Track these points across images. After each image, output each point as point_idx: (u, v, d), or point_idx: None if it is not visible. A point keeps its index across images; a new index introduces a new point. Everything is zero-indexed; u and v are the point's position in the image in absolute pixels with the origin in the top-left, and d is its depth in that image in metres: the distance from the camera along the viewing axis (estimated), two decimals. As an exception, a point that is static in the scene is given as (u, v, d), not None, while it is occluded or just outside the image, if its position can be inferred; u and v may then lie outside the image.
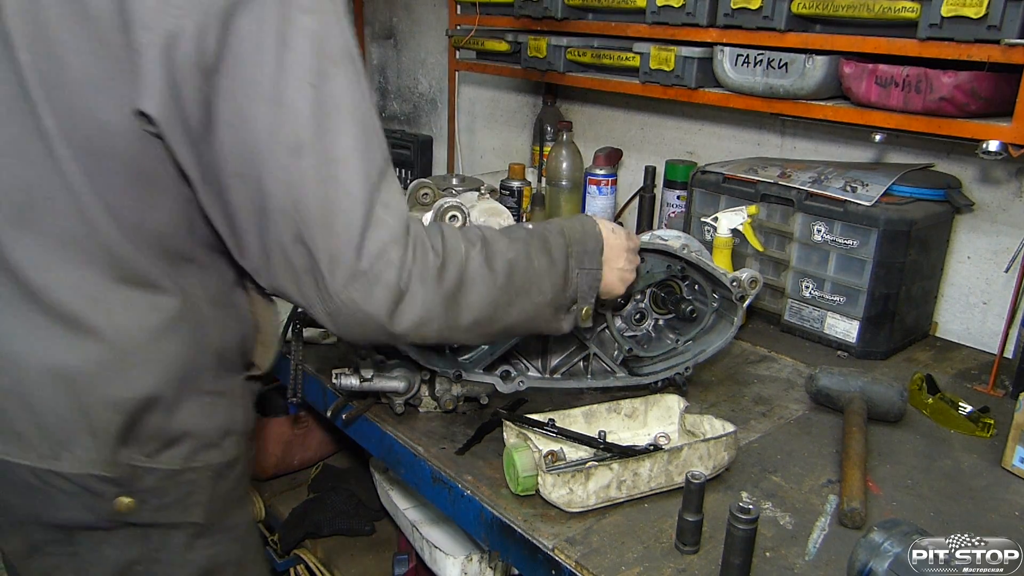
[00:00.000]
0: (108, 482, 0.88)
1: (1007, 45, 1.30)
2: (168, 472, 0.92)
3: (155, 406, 0.89)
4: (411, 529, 1.78)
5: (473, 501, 1.14)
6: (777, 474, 1.21)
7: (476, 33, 2.39)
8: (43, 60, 0.76)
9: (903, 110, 1.48)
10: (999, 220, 1.67)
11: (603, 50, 2.04)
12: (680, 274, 1.41)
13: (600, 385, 1.38)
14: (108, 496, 0.88)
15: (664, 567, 0.99)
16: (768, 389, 1.49)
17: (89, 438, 0.86)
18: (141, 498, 0.90)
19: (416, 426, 1.31)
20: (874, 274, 1.57)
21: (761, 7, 1.62)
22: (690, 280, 1.43)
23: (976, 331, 1.74)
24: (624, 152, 2.35)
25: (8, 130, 0.79)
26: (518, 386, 1.29)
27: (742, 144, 2.12)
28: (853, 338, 1.63)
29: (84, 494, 0.87)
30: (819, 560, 1.02)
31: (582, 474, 1.06)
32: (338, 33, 0.81)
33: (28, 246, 0.82)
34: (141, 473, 0.89)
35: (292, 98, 0.77)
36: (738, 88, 1.74)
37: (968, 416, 1.34)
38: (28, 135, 0.79)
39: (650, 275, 1.40)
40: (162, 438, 0.91)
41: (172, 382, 0.90)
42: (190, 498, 0.95)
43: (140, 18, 0.74)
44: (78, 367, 0.85)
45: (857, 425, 1.27)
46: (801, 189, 1.66)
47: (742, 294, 1.38)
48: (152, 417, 0.89)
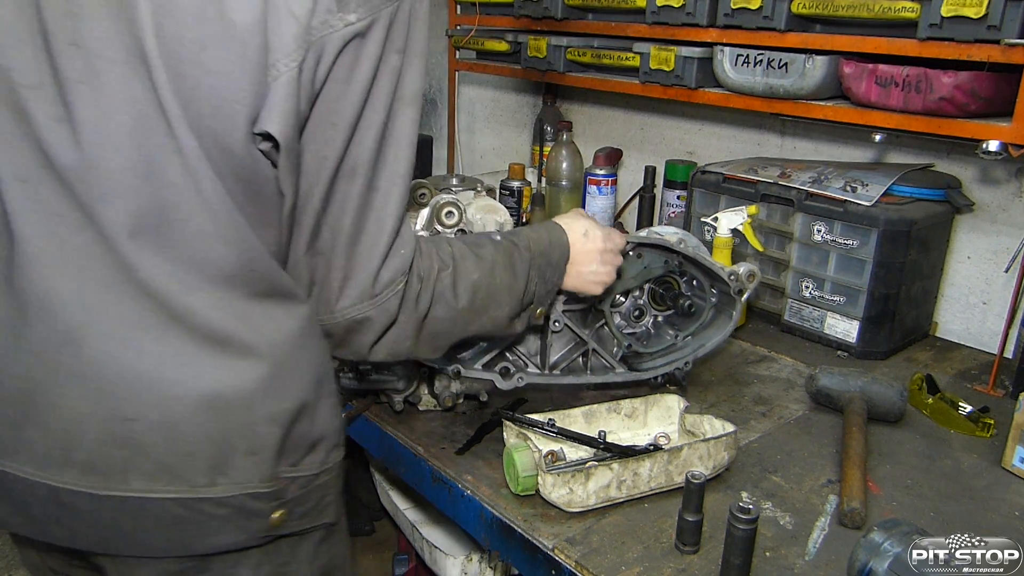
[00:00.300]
0: (264, 498, 0.86)
1: (1007, 45, 1.30)
2: (309, 478, 0.91)
3: (303, 413, 0.88)
4: (411, 529, 1.78)
5: (473, 501, 1.14)
6: (777, 474, 1.21)
7: (476, 33, 2.39)
8: (180, 80, 0.76)
9: (903, 110, 1.48)
10: (999, 220, 1.67)
11: (603, 50, 2.04)
12: (678, 269, 1.42)
13: (600, 381, 1.38)
14: (265, 512, 0.86)
15: (664, 567, 0.99)
16: (768, 389, 1.49)
17: (248, 458, 0.84)
18: (289, 508, 0.89)
19: (416, 426, 1.31)
20: (874, 274, 1.57)
21: (761, 7, 1.62)
22: (688, 276, 1.43)
23: (976, 331, 1.74)
24: (624, 152, 2.35)
25: (145, 150, 0.77)
26: (517, 382, 1.28)
27: (742, 144, 2.12)
28: (853, 338, 1.63)
29: (239, 515, 0.85)
30: (819, 560, 1.02)
31: (582, 474, 1.06)
32: (415, 75, 0.86)
33: (168, 270, 0.80)
34: (287, 483, 0.88)
35: (364, 129, 0.83)
36: (738, 88, 1.74)
37: (968, 416, 1.34)
38: (166, 155, 0.77)
39: (648, 270, 1.41)
40: (306, 445, 0.90)
41: (314, 388, 0.90)
42: (324, 500, 0.94)
43: (281, 46, 0.77)
44: (234, 388, 0.82)
45: (857, 425, 1.27)
46: (801, 189, 1.66)
47: (740, 288, 1.39)
48: (300, 425, 0.88)
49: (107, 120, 0.76)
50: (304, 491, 0.90)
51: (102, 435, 0.80)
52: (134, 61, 0.75)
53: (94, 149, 0.76)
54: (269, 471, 0.85)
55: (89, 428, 0.80)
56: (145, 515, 0.82)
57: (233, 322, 0.82)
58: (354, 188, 0.85)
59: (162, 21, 0.75)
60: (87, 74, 0.76)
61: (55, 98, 0.76)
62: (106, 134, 0.76)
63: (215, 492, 0.83)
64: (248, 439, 0.84)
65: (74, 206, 0.78)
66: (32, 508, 0.84)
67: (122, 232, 0.78)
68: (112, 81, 0.76)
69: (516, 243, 1.10)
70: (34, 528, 0.86)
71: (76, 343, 0.79)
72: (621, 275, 1.34)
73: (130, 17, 0.74)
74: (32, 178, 0.78)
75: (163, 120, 0.76)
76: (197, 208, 0.79)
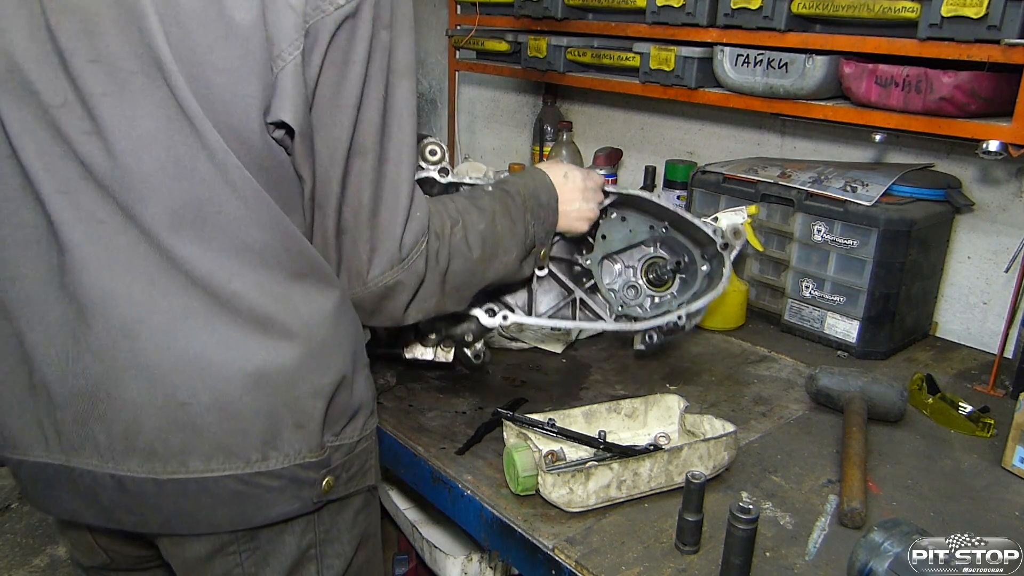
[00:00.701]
0: (313, 467, 0.92)
1: (1007, 45, 1.30)
2: (351, 445, 0.97)
3: (343, 386, 0.94)
4: (411, 529, 1.78)
5: (473, 501, 1.14)
6: (777, 474, 1.21)
7: (476, 33, 2.39)
8: (195, 81, 0.80)
9: (903, 110, 1.48)
10: (999, 220, 1.67)
11: (603, 50, 2.04)
12: (663, 235, 1.46)
13: (588, 326, 1.37)
14: (316, 481, 0.93)
15: (664, 567, 0.99)
16: (768, 389, 1.49)
17: (297, 431, 0.90)
18: (336, 475, 0.96)
19: (416, 426, 1.31)
20: (874, 274, 1.57)
21: (761, 7, 1.62)
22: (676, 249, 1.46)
23: (976, 331, 1.74)
24: (624, 152, 2.35)
25: (173, 150, 0.82)
26: (502, 320, 1.27)
27: (742, 144, 2.12)
28: (853, 338, 1.63)
29: (292, 485, 0.91)
30: (819, 560, 1.02)
31: (582, 474, 1.06)
32: (406, 48, 0.91)
33: (210, 259, 0.84)
34: (333, 451, 0.95)
35: (367, 107, 0.88)
36: (738, 88, 1.74)
37: (968, 416, 1.34)
38: (193, 152, 0.82)
39: (633, 234, 1.47)
40: (347, 414, 0.96)
41: (351, 360, 0.96)
42: (366, 464, 1.01)
43: (283, 37, 0.81)
44: (278, 366, 0.88)
45: (857, 425, 1.27)
46: (801, 189, 1.66)
47: (726, 243, 1.42)
48: (341, 396, 0.94)
49: (134, 127, 0.81)
50: (348, 457, 0.97)
51: (160, 421, 0.85)
52: (151, 69, 0.80)
53: (126, 156, 0.81)
54: (316, 441, 0.92)
55: (148, 416, 0.85)
56: (205, 494, 0.88)
57: (273, 304, 0.87)
58: (367, 164, 0.90)
59: (170, 29, 0.79)
60: (110, 87, 0.80)
61: (82, 113, 0.81)
62: (135, 140, 0.81)
63: (269, 465, 0.89)
64: (295, 413, 0.89)
65: (115, 211, 0.83)
66: (101, 499, 0.90)
67: (162, 229, 0.83)
68: (134, 91, 0.80)
69: (507, 191, 1.18)
70: (104, 517, 0.92)
71: (131, 337, 0.84)
72: (607, 238, 1.44)
73: (141, 28, 0.78)
74: (72, 190, 0.83)
75: (186, 120, 0.81)
76: (229, 197, 0.84)
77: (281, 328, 0.88)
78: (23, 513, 2.77)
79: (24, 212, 0.85)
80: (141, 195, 0.82)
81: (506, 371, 1.52)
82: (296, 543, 0.96)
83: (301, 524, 0.96)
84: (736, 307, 1.73)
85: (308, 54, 0.82)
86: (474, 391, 1.44)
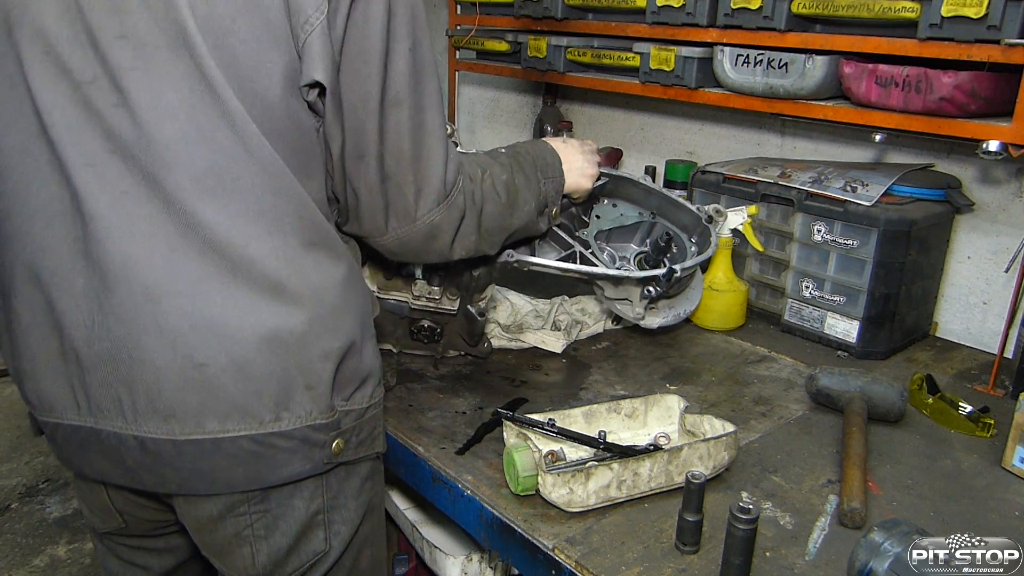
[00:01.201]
0: (325, 428, 0.96)
1: (1007, 45, 1.30)
2: (360, 411, 1.01)
3: (352, 351, 0.98)
4: (411, 529, 1.78)
5: (473, 501, 1.14)
6: (777, 474, 1.21)
7: (476, 33, 2.39)
8: (219, 51, 0.84)
9: (903, 110, 1.48)
10: (999, 220, 1.67)
11: (603, 50, 2.04)
12: (650, 220, 1.59)
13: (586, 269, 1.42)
14: (326, 442, 0.97)
15: (664, 567, 0.99)
16: (768, 389, 1.49)
17: (308, 392, 0.94)
18: (346, 438, 1.00)
19: (416, 426, 1.31)
20: (874, 274, 1.57)
21: (761, 7, 1.62)
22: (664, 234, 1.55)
23: (976, 331, 1.74)
24: (624, 152, 2.35)
25: (196, 120, 0.85)
26: (507, 258, 1.36)
27: (742, 144, 2.12)
28: (853, 338, 1.63)
29: (304, 446, 0.95)
30: (819, 560, 1.02)
31: (582, 474, 1.06)
32: (421, 6, 0.97)
33: (228, 225, 0.88)
34: (343, 415, 0.99)
35: (395, 60, 0.94)
36: (738, 88, 1.74)
37: (968, 416, 1.34)
38: (215, 121, 0.85)
39: (622, 217, 1.60)
40: (356, 380, 1.00)
41: (359, 327, 1.00)
42: (375, 431, 1.05)
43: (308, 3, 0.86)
44: (290, 329, 0.91)
45: (857, 425, 1.27)
46: (801, 189, 1.66)
47: (710, 217, 1.56)
48: (351, 361, 0.98)
49: (159, 98, 0.85)
50: (358, 423, 1.01)
51: (179, 382, 0.89)
52: (176, 43, 0.84)
53: (149, 125, 0.85)
54: (326, 403, 0.96)
55: (167, 378, 0.89)
56: (220, 454, 0.92)
57: (286, 270, 0.91)
58: (403, 113, 0.96)
59: (194, 2, 0.83)
60: (137, 61, 0.84)
61: (110, 87, 0.85)
62: (159, 110, 0.85)
63: (281, 426, 0.93)
64: (306, 374, 0.93)
65: (138, 181, 0.86)
66: (126, 460, 0.94)
67: (184, 195, 0.86)
68: (160, 63, 0.84)
69: (517, 151, 1.27)
70: (129, 478, 0.97)
71: (152, 301, 0.88)
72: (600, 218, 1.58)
73: (167, 2, 0.83)
74: (98, 163, 0.86)
75: (208, 89, 0.85)
76: (247, 164, 0.87)
77: (293, 293, 0.91)
78: (23, 513, 2.77)
79: (52, 186, 0.89)
80: (165, 162, 0.85)
81: (506, 371, 1.52)
82: (305, 507, 1.00)
83: (310, 488, 0.99)
84: (736, 307, 1.73)
85: (333, 15, 0.87)
86: (474, 391, 1.44)
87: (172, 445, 0.91)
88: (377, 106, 0.94)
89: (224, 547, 1.00)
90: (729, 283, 1.72)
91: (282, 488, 0.97)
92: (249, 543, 0.99)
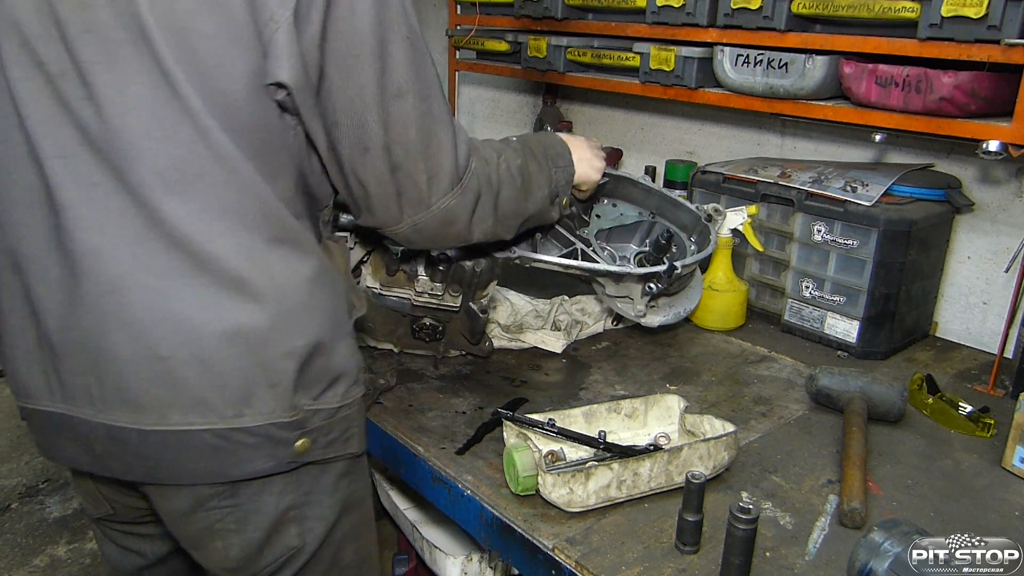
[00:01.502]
0: (288, 427, 0.96)
1: (1007, 45, 1.30)
2: (331, 411, 1.00)
3: (319, 350, 0.97)
4: (411, 529, 1.78)
5: (473, 501, 1.14)
6: (777, 474, 1.21)
7: (476, 33, 2.39)
8: (180, 47, 0.83)
9: (903, 110, 1.48)
10: (999, 220, 1.67)
11: (603, 50, 2.04)
12: (651, 219, 1.60)
13: (588, 265, 1.42)
14: (290, 440, 0.96)
15: (664, 567, 0.99)
16: (768, 389, 1.49)
17: (270, 390, 0.94)
18: (313, 437, 0.99)
19: (416, 426, 1.31)
20: (874, 274, 1.57)
21: (761, 7, 1.62)
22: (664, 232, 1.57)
23: (976, 331, 1.74)
24: (624, 152, 2.35)
25: (158, 116, 0.85)
26: (510, 253, 1.36)
27: (742, 144, 2.12)
28: (853, 338, 1.63)
29: (267, 443, 0.95)
30: (819, 560, 1.02)
31: (582, 474, 1.06)
32: None
33: (192, 220, 0.88)
34: (311, 415, 0.98)
35: (393, 52, 0.92)
36: (738, 88, 1.74)
37: (968, 416, 1.34)
38: (177, 117, 0.85)
39: (622, 217, 1.62)
40: (325, 379, 0.99)
41: (328, 327, 0.99)
42: (348, 431, 1.04)
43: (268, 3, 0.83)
44: (252, 326, 0.91)
45: (857, 425, 1.27)
46: (801, 189, 1.66)
47: (709, 215, 1.57)
48: (318, 361, 0.97)
49: (123, 92, 0.85)
50: (328, 422, 1.00)
51: (144, 375, 0.90)
52: (137, 38, 0.83)
53: (114, 119, 0.85)
54: (289, 402, 0.95)
55: (133, 370, 0.90)
56: (185, 447, 0.93)
57: (249, 267, 0.91)
58: (408, 103, 0.95)
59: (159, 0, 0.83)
60: (102, 56, 0.84)
61: (79, 81, 0.85)
62: (123, 104, 0.85)
63: (244, 422, 0.93)
64: (268, 372, 0.93)
65: (108, 175, 0.87)
66: (95, 447, 0.96)
67: (149, 190, 0.87)
68: (124, 58, 0.84)
69: (527, 141, 1.25)
70: (98, 465, 0.98)
71: (119, 293, 0.89)
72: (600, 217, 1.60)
73: None
74: (70, 154, 0.87)
75: (168, 86, 0.85)
76: (209, 161, 0.87)
77: (256, 290, 0.91)
78: (23, 513, 2.77)
79: (29, 176, 0.90)
80: (129, 156, 0.86)
81: (506, 371, 1.52)
82: (275, 503, 1.00)
83: (279, 485, 0.99)
84: (736, 307, 1.73)
85: (306, 10, 0.85)
86: (474, 391, 1.44)
87: (138, 435, 0.92)
88: (376, 98, 0.93)
89: (198, 540, 1.02)
90: (729, 283, 1.72)
91: (251, 483, 0.97)
92: (221, 537, 1.00)
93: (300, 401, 0.96)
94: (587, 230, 1.55)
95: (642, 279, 1.44)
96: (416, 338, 1.51)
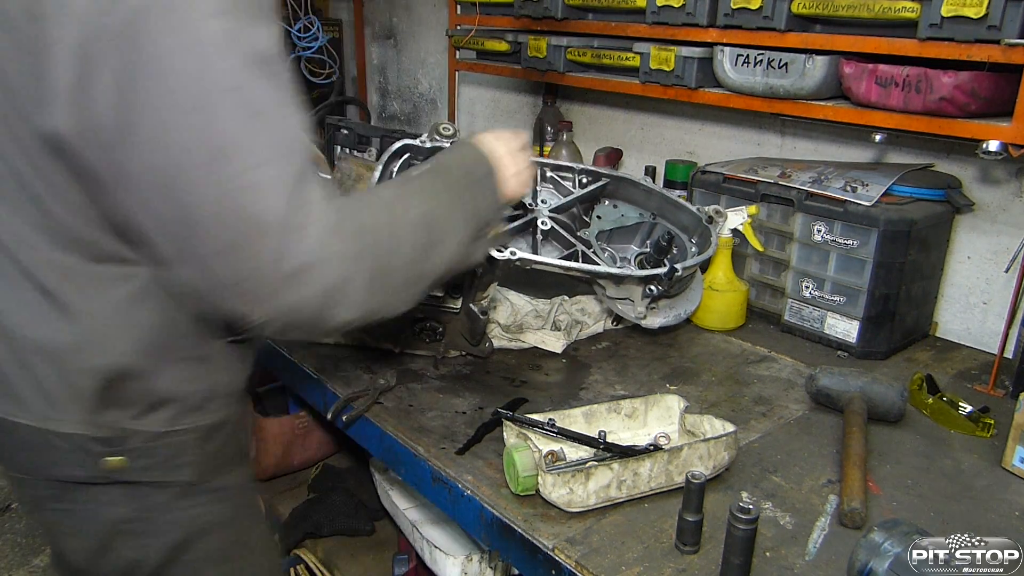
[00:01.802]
0: (97, 442, 0.96)
1: (1007, 45, 1.30)
2: (154, 434, 0.98)
3: (132, 373, 0.95)
4: (411, 529, 1.78)
5: (473, 501, 1.14)
6: (777, 474, 1.21)
7: (476, 33, 2.39)
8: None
9: (903, 110, 1.48)
10: (999, 220, 1.67)
11: (603, 50, 2.04)
12: (651, 220, 1.61)
13: (588, 268, 1.42)
14: (97, 455, 0.96)
15: (664, 567, 0.99)
16: (768, 389, 1.49)
17: (72, 403, 0.95)
18: (131, 457, 0.97)
19: (416, 426, 1.31)
20: (874, 274, 1.57)
21: (761, 7, 1.62)
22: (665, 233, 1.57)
23: (976, 331, 1.74)
24: (624, 152, 2.35)
25: None
26: (510, 255, 1.33)
27: (742, 144, 2.12)
28: (853, 338, 1.63)
29: (77, 452, 0.96)
30: (819, 560, 1.02)
31: (582, 474, 1.06)
32: (254, 34, 0.78)
33: (17, 230, 0.91)
34: (129, 434, 0.97)
35: (213, 105, 0.76)
36: (738, 88, 1.74)
37: (968, 416, 1.34)
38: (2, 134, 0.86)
39: (623, 218, 1.64)
40: (145, 402, 0.97)
41: (147, 350, 0.95)
42: (178, 458, 1.01)
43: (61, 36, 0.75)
44: (58, 340, 0.93)
45: (857, 425, 1.27)
46: (801, 189, 1.66)
47: (710, 217, 1.60)
48: (132, 383, 0.96)
49: None
50: (148, 445, 0.98)
51: None
52: None
53: None
54: (92, 418, 0.95)
55: None
56: (11, 437, 0.97)
57: (58, 281, 0.92)
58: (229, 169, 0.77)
59: None
60: None
61: None
62: None
63: (57, 426, 0.95)
64: (68, 386, 0.94)
65: None
66: None
67: None
68: None
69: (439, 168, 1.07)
70: None
71: None
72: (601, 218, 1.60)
73: None
74: None
75: None
76: (32, 177, 0.87)
77: (60, 305, 0.92)
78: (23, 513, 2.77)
79: None
80: None
81: (506, 371, 1.52)
82: (109, 514, 1.00)
83: (114, 493, 0.99)
84: (736, 307, 1.73)
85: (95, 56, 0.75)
86: (474, 391, 1.44)
87: None
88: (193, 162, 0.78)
89: (50, 537, 1.07)
90: (729, 283, 1.72)
91: (83, 489, 0.98)
92: (64, 538, 1.03)
93: (112, 419, 0.95)
94: (588, 232, 1.55)
95: (643, 281, 1.44)
96: (416, 339, 1.51)
